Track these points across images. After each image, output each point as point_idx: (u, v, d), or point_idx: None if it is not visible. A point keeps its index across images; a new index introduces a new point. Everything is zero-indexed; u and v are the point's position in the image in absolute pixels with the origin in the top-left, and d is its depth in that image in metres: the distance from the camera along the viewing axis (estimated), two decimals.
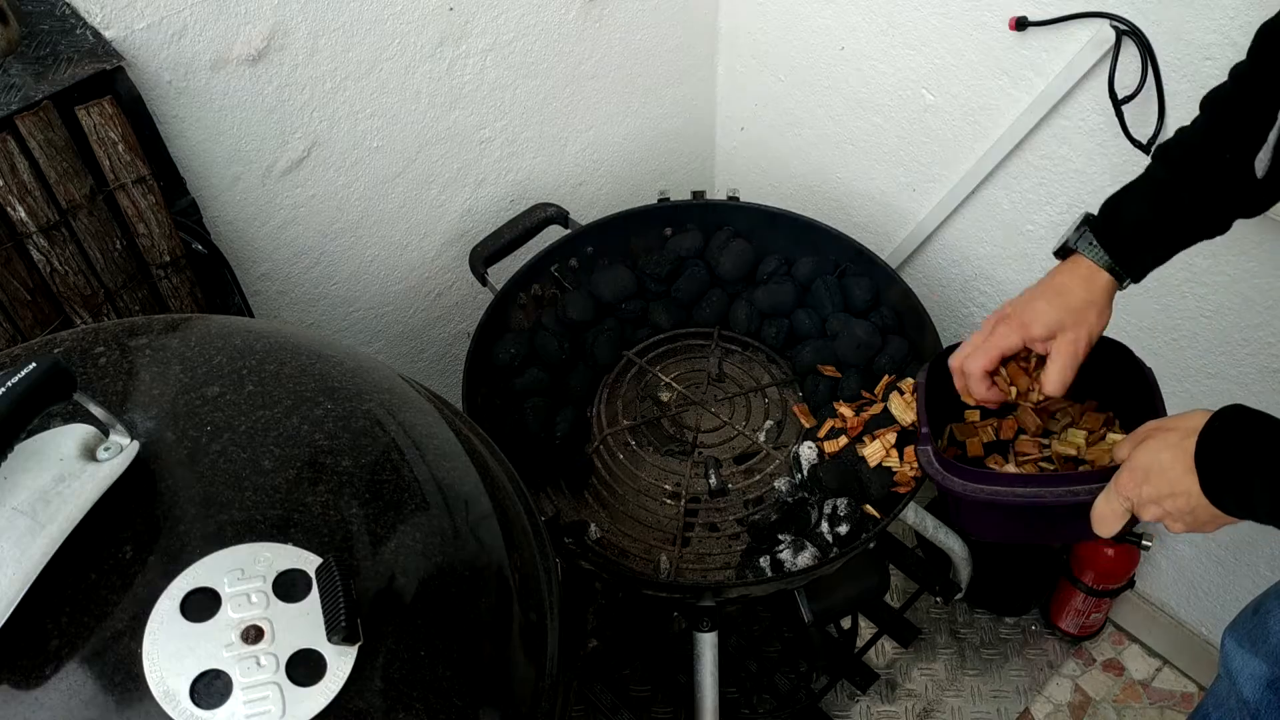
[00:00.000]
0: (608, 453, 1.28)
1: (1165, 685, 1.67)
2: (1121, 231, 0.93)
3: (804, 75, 1.58)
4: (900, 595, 1.73)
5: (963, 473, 0.98)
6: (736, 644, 1.62)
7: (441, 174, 1.43)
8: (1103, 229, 0.93)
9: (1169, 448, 0.82)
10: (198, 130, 1.14)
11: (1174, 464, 0.81)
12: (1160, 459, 0.82)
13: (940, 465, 1.00)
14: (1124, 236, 0.92)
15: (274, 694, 0.59)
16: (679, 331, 1.41)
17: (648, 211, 1.44)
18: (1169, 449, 0.82)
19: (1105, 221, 0.94)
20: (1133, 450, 0.86)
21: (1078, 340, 0.94)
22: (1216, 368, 1.31)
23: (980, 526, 1.07)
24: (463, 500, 0.77)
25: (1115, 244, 0.93)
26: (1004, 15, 1.24)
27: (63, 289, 1.04)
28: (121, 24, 1.03)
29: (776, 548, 1.15)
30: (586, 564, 1.14)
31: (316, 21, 1.17)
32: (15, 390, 0.60)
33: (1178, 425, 0.82)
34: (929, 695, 1.66)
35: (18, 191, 0.95)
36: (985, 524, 1.06)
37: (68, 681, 0.58)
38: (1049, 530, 1.04)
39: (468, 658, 0.68)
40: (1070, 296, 0.94)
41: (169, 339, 0.79)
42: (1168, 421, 0.85)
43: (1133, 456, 0.85)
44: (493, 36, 1.35)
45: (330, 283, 1.41)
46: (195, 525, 0.65)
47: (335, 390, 0.77)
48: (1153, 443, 0.84)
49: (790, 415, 1.30)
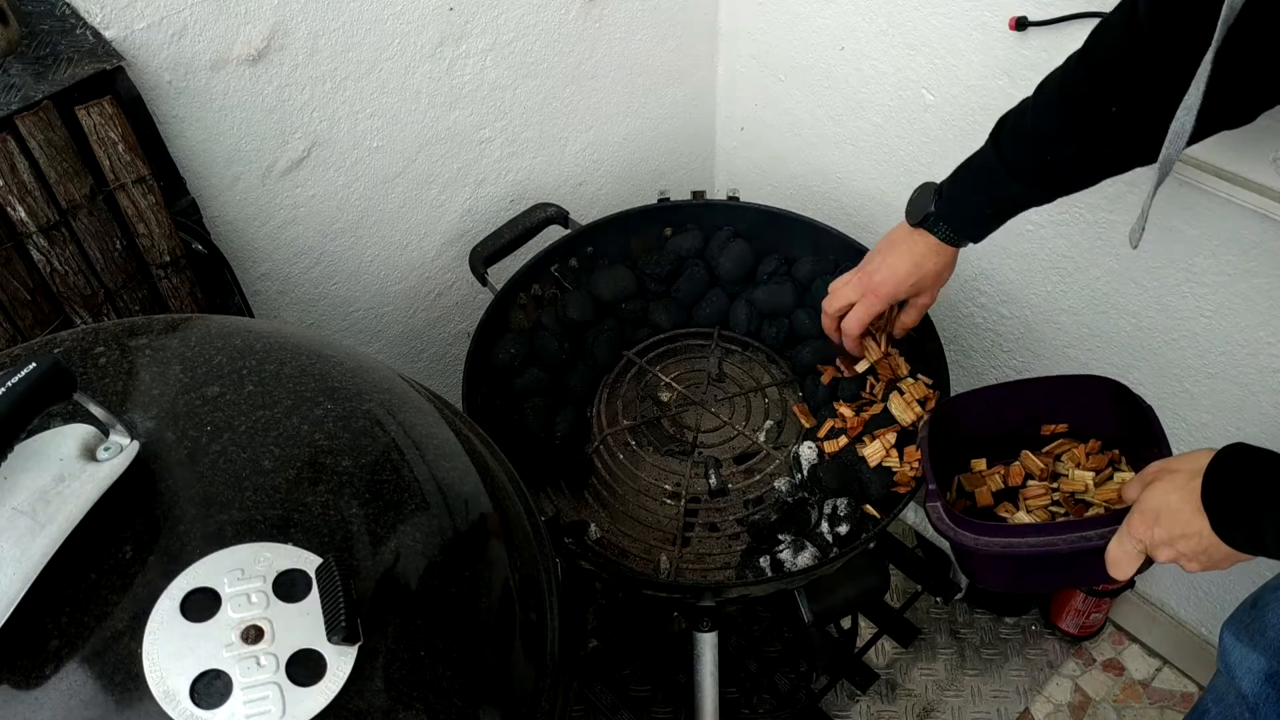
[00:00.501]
0: (608, 453, 1.28)
1: (1165, 685, 1.67)
2: (965, 218, 1.08)
3: (804, 75, 1.58)
4: (900, 595, 1.73)
5: (975, 527, 0.98)
6: (736, 644, 1.62)
7: (441, 174, 1.43)
8: (949, 217, 1.09)
9: (1177, 489, 0.83)
10: (198, 130, 1.15)
11: (1183, 505, 0.82)
12: (1169, 500, 0.84)
13: (952, 521, 1.00)
14: (968, 221, 1.09)
15: (274, 694, 0.59)
16: (679, 331, 1.41)
17: (648, 211, 1.44)
18: (1177, 490, 0.83)
19: (950, 209, 1.08)
20: (1142, 492, 0.87)
21: (931, 300, 1.17)
22: (1216, 368, 1.31)
23: (995, 578, 1.06)
24: (463, 500, 0.77)
25: (961, 228, 1.09)
26: (1004, 15, 1.24)
27: (63, 289, 1.04)
28: (121, 24, 1.03)
29: (776, 548, 1.15)
30: (586, 564, 1.14)
31: (316, 21, 1.17)
32: (15, 390, 0.60)
33: (1183, 467, 0.84)
34: (929, 695, 1.66)
35: (18, 191, 0.95)
36: (1000, 575, 1.05)
37: (68, 681, 0.58)
38: (1064, 576, 1.05)
39: (468, 658, 0.68)
40: (926, 265, 1.12)
41: (169, 339, 0.79)
42: (1173, 462, 0.87)
43: (1142, 499, 0.87)
44: (493, 36, 1.35)
45: (330, 283, 1.41)
46: (195, 525, 0.65)
47: (335, 390, 0.77)
48: (1160, 485, 0.85)
49: (790, 415, 1.30)
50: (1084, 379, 1.12)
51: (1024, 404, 1.15)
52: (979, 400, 1.16)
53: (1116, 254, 1.34)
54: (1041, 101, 0.98)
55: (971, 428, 1.16)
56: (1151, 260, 1.30)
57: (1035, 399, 1.14)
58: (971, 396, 1.16)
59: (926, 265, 1.12)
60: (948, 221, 1.09)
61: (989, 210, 1.07)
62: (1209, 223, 1.21)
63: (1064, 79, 0.97)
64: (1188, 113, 0.81)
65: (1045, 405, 1.14)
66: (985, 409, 1.16)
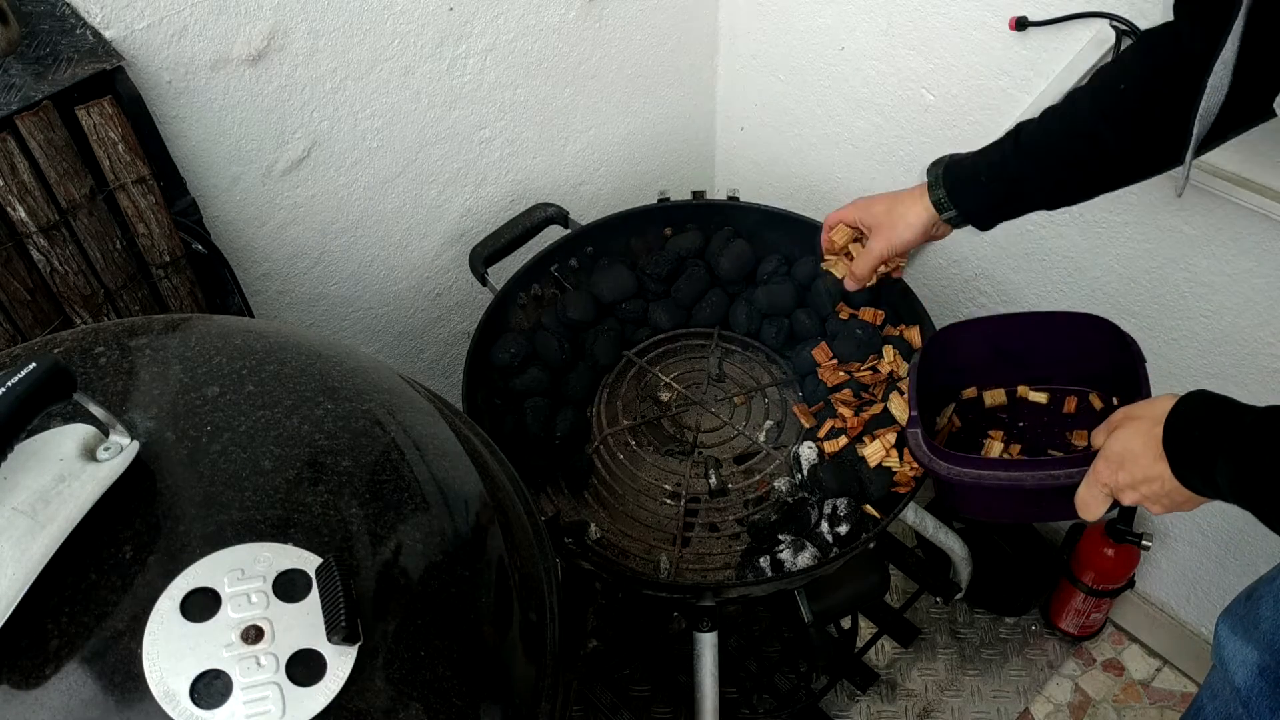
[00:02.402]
0: (608, 453, 1.28)
1: (1165, 685, 1.67)
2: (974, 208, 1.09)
3: (804, 75, 1.58)
4: (900, 595, 1.73)
5: (947, 457, 1.03)
6: (736, 644, 1.62)
7: (441, 174, 1.43)
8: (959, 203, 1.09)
9: (1139, 435, 0.86)
10: (198, 130, 1.15)
11: (1145, 451, 0.85)
12: (1132, 446, 0.87)
13: (928, 449, 1.04)
14: (976, 213, 1.09)
15: (274, 694, 0.59)
16: (679, 331, 1.41)
17: (648, 211, 1.44)
18: (1139, 436, 0.86)
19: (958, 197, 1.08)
20: (1107, 437, 0.91)
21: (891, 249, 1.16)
22: (1216, 367, 1.31)
23: (970, 506, 1.10)
24: (463, 500, 0.77)
25: (970, 217, 1.09)
26: (1004, 15, 1.24)
27: (63, 289, 1.04)
28: (121, 24, 1.03)
29: (776, 548, 1.15)
30: (586, 564, 1.14)
31: (316, 21, 1.17)
32: (15, 390, 0.60)
33: (1146, 413, 0.87)
34: (929, 695, 1.66)
35: (18, 191, 0.95)
36: (975, 503, 1.09)
37: (68, 681, 0.58)
38: (1037, 510, 1.08)
39: (467, 658, 0.68)
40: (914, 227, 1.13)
41: (169, 339, 0.79)
42: (1137, 409, 0.90)
43: (1107, 444, 0.90)
44: (493, 36, 1.35)
45: (330, 283, 1.41)
46: (195, 525, 0.65)
47: (335, 390, 0.77)
48: (1124, 431, 0.89)
49: (790, 415, 1.30)
50: (1079, 316, 1.14)
51: (1019, 336, 1.18)
52: (973, 330, 1.18)
53: (1117, 254, 1.34)
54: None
55: (965, 358, 1.20)
56: (1151, 260, 1.30)
57: (1030, 333, 1.17)
58: (965, 326, 1.18)
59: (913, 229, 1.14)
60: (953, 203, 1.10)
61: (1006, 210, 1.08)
62: (1209, 223, 1.21)
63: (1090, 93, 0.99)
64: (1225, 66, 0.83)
65: (1040, 340, 1.17)
66: (979, 339, 1.19)
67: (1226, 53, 0.83)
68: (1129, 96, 0.95)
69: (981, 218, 1.09)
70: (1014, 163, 1.03)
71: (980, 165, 1.06)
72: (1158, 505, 0.88)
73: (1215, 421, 0.81)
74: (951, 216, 1.10)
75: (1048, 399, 1.21)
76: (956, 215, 1.09)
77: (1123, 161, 0.98)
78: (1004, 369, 1.21)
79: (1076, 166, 1.00)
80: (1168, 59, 0.92)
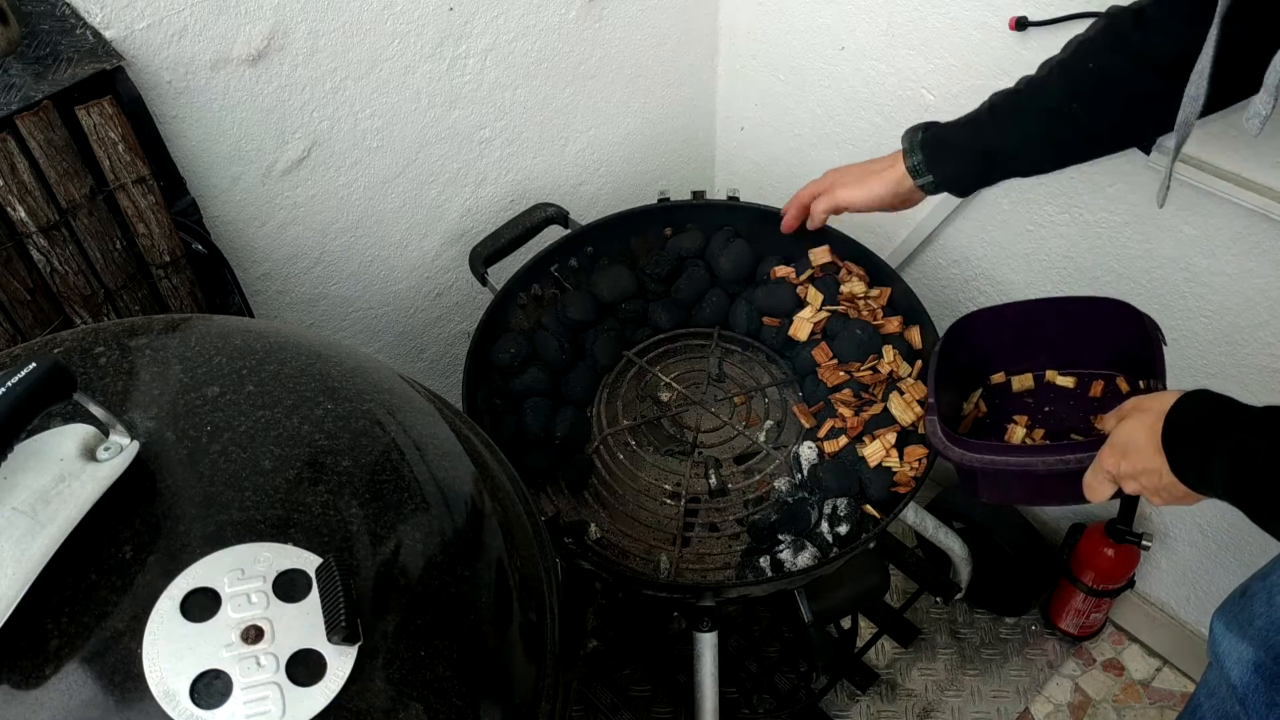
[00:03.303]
0: (608, 453, 1.28)
1: (1165, 685, 1.67)
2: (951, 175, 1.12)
3: (804, 75, 1.58)
4: (900, 595, 1.73)
5: (962, 444, 1.06)
6: (736, 644, 1.62)
7: (441, 174, 1.43)
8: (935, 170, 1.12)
9: (1144, 428, 0.88)
10: (198, 130, 1.15)
11: (1147, 443, 0.87)
12: (1136, 438, 0.89)
13: (944, 436, 1.07)
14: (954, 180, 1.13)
15: (274, 694, 0.59)
16: (679, 331, 1.41)
17: (648, 211, 1.44)
18: (1144, 429, 0.88)
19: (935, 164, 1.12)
20: (1115, 426, 0.93)
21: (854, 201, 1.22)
22: (1217, 367, 1.31)
23: (985, 490, 1.13)
24: (463, 500, 0.77)
25: (947, 183, 1.13)
26: (1004, 15, 1.24)
27: (63, 289, 1.04)
28: (121, 24, 1.03)
29: (776, 548, 1.15)
30: (586, 564, 1.14)
31: (316, 21, 1.17)
32: (15, 390, 0.60)
33: (1153, 406, 0.88)
34: (929, 695, 1.66)
35: (18, 191, 0.95)
36: (989, 487, 1.12)
37: (68, 681, 0.58)
38: (1048, 494, 1.11)
39: (467, 658, 0.68)
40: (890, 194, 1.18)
41: (169, 339, 0.79)
42: (1145, 401, 0.91)
43: (1115, 433, 0.92)
44: (493, 36, 1.35)
45: (330, 283, 1.41)
46: (195, 525, 0.65)
47: (335, 390, 0.77)
48: (1131, 422, 0.90)
49: (790, 415, 1.30)
50: (1103, 301, 1.16)
51: (1040, 322, 1.20)
52: (995, 315, 1.21)
53: (1117, 254, 1.34)
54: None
55: (991, 344, 1.22)
56: (1151, 260, 1.30)
57: (1055, 318, 1.19)
58: (986, 313, 1.21)
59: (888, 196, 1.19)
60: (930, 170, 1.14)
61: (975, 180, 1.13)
62: (1209, 223, 1.21)
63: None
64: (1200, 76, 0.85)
65: (1066, 325, 1.19)
66: (1000, 324, 1.21)
67: (1202, 62, 0.84)
68: (1100, 78, 0.97)
69: (959, 184, 1.13)
70: (990, 131, 1.06)
71: (958, 134, 1.09)
72: (1157, 497, 0.89)
73: (1213, 420, 0.82)
74: (927, 183, 1.13)
75: (1075, 383, 1.22)
76: (932, 182, 1.13)
77: (1097, 135, 1.02)
78: (1033, 353, 1.23)
79: (1051, 140, 1.03)
80: (1138, 48, 0.94)
